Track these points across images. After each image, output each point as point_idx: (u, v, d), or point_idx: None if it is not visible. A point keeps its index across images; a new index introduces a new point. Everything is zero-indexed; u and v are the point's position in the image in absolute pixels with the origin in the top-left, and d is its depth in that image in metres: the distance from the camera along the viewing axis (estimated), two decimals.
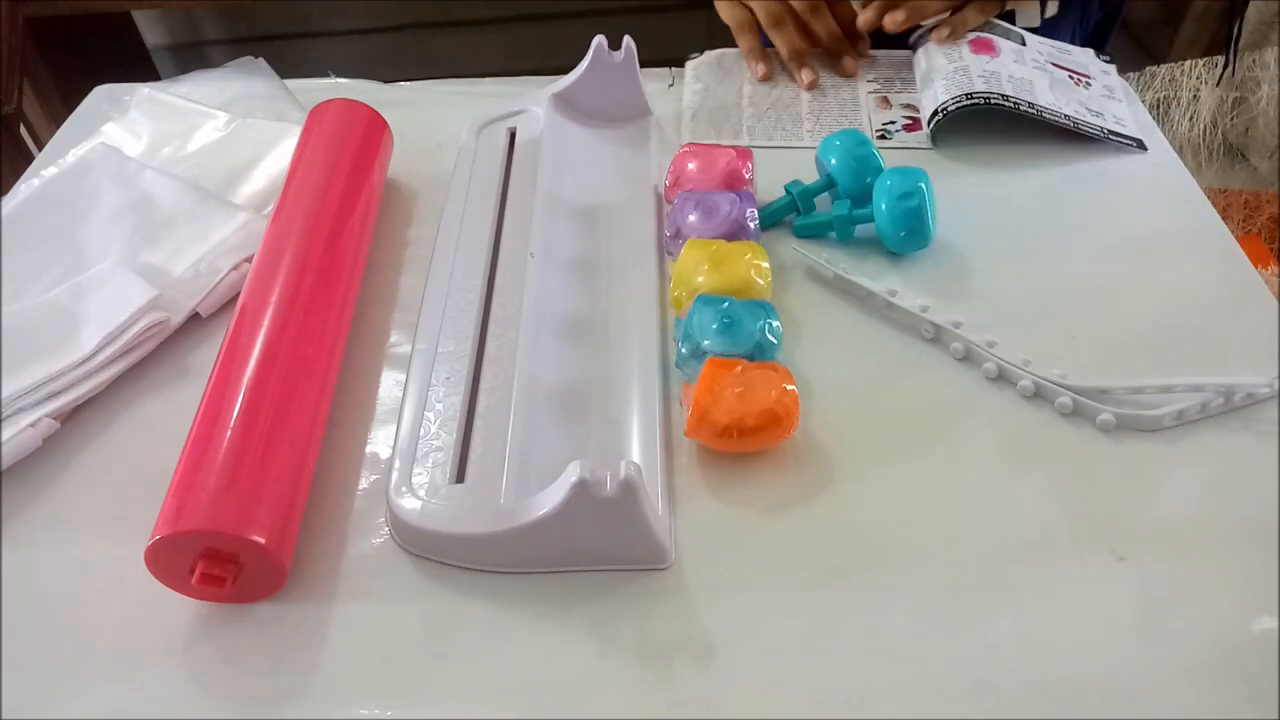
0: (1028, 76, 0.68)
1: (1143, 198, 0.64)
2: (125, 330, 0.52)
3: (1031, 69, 0.69)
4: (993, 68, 0.68)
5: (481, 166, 0.63)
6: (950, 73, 0.68)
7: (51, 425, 0.49)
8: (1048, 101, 0.67)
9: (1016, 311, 0.55)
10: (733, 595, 0.42)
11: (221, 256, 0.57)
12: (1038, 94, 0.67)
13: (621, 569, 0.43)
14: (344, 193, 0.58)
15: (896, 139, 0.67)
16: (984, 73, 0.67)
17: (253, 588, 0.42)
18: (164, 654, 0.41)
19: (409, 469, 0.45)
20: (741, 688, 0.39)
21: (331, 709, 0.39)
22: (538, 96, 0.66)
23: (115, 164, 0.64)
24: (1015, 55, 0.70)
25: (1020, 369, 0.50)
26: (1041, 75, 0.69)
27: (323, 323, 0.51)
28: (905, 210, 0.56)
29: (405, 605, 0.43)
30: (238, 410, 0.44)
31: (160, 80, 0.77)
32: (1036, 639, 0.40)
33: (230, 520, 0.40)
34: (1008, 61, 0.69)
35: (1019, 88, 0.67)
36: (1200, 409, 0.48)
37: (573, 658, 0.40)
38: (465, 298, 0.53)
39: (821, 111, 0.70)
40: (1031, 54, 0.71)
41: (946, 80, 0.68)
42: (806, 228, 0.61)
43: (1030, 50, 0.71)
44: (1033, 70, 0.69)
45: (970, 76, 0.67)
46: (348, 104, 0.64)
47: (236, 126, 0.70)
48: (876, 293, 0.55)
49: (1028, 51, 0.71)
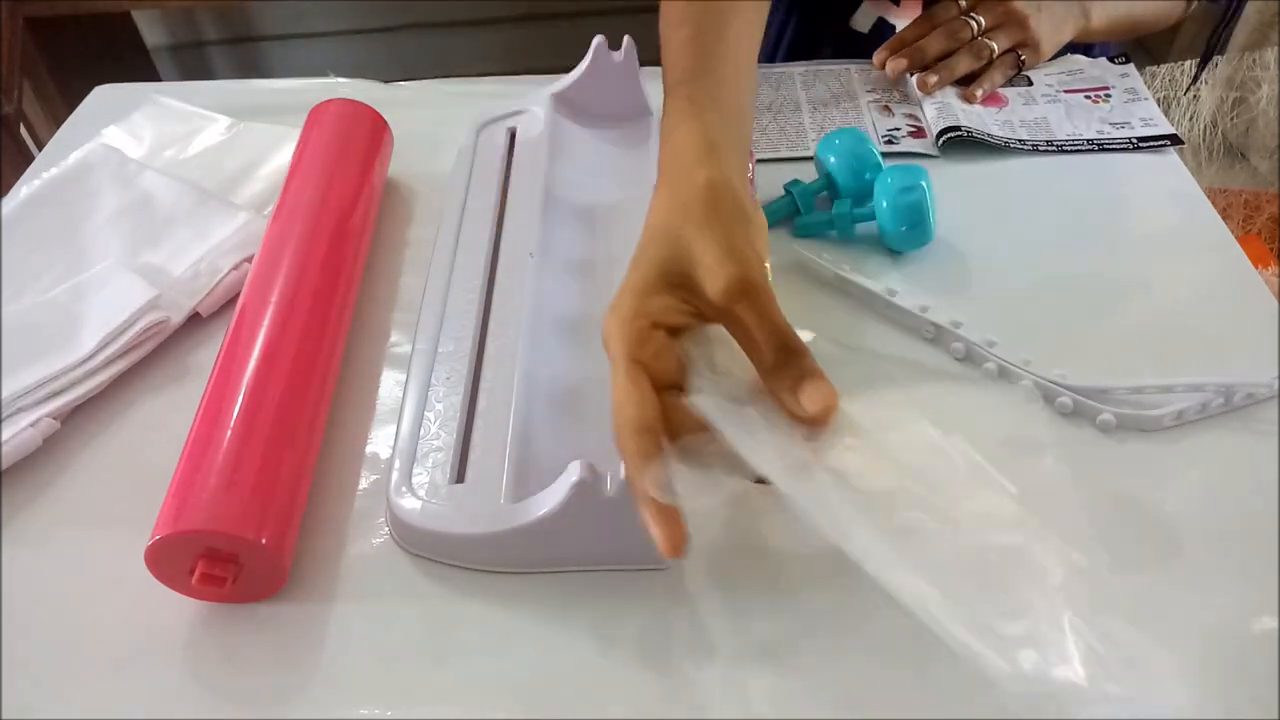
0: (1040, 115, 0.69)
1: (1143, 198, 0.64)
2: (125, 330, 0.52)
3: (1044, 106, 0.70)
4: (1004, 117, 0.69)
5: (481, 166, 0.63)
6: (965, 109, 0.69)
7: (51, 425, 0.49)
8: (1067, 133, 0.67)
9: (1016, 311, 0.55)
10: (732, 595, 0.42)
11: (221, 256, 0.57)
12: (1055, 129, 0.68)
13: (621, 569, 0.43)
14: (344, 193, 0.58)
15: (903, 144, 0.67)
16: (997, 121, 0.68)
17: (253, 588, 0.42)
18: (164, 654, 0.41)
19: (409, 469, 0.45)
20: (741, 687, 0.39)
21: (331, 709, 0.39)
22: (538, 96, 0.66)
23: (115, 164, 0.64)
24: (1024, 99, 0.71)
25: (1020, 369, 0.50)
26: (1055, 107, 0.70)
27: (323, 323, 0.51)
28: (906, 205, 0.56)
29: (405, 605, 0.43)
30: (238, 410, 0.44)
31: (160, 80, 0.77)
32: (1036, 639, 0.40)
33: (230, 520, 0.40)
34: (1017, 107, 0.70)
35: (1034, 130, 0.68)
36: (1200, 409, 0.48)
37: (573, 658, 0.40)
38: (465, 298, 0.53)
39: (825, 122, 0.70)
40: (1040, 90, 0.71)
41: (966, 111, 0.69)
42: (807, 227, 0.61)
43: (1038, 87, 0.72)
44: (1045, 106, 0.70)
45: (985, 121, 0.68)
46: (348, 104, 0.64)
47: (238, 130, 0.70)
48: (876, 293, 0.55)
49: (1035, 89, 0.71)
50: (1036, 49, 0.71)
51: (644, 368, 0.36)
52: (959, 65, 0.70)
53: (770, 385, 0.37)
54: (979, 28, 0.71)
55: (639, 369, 0.36)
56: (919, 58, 0.71)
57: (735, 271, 0.37)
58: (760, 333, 0.37)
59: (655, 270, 0.38)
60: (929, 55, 0.71)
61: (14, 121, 1.34)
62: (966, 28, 0.70)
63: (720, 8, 0.51)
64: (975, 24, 0.71)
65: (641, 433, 0.35)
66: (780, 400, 0.37)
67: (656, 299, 0.38)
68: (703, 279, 0.38)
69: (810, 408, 0.36)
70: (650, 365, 0.36)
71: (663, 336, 0.37)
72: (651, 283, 0.38)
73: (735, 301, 0.37)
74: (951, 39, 0.70)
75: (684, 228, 0.39)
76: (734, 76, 0.48)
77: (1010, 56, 0.71)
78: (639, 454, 0.35)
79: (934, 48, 0.71)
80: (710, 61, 0.48)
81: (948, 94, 0.70)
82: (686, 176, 0.41)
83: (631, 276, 0.39)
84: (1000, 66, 0.71)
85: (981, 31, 0.71)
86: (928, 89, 0.70)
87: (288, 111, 0.69)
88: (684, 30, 0.49)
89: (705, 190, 0.40)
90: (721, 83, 0.47)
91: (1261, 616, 0.41)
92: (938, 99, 0.70)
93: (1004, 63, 0.71)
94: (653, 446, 0.35)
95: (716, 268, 0.37)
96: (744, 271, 0.37)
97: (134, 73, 0.82)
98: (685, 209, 0.40)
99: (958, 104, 0.69)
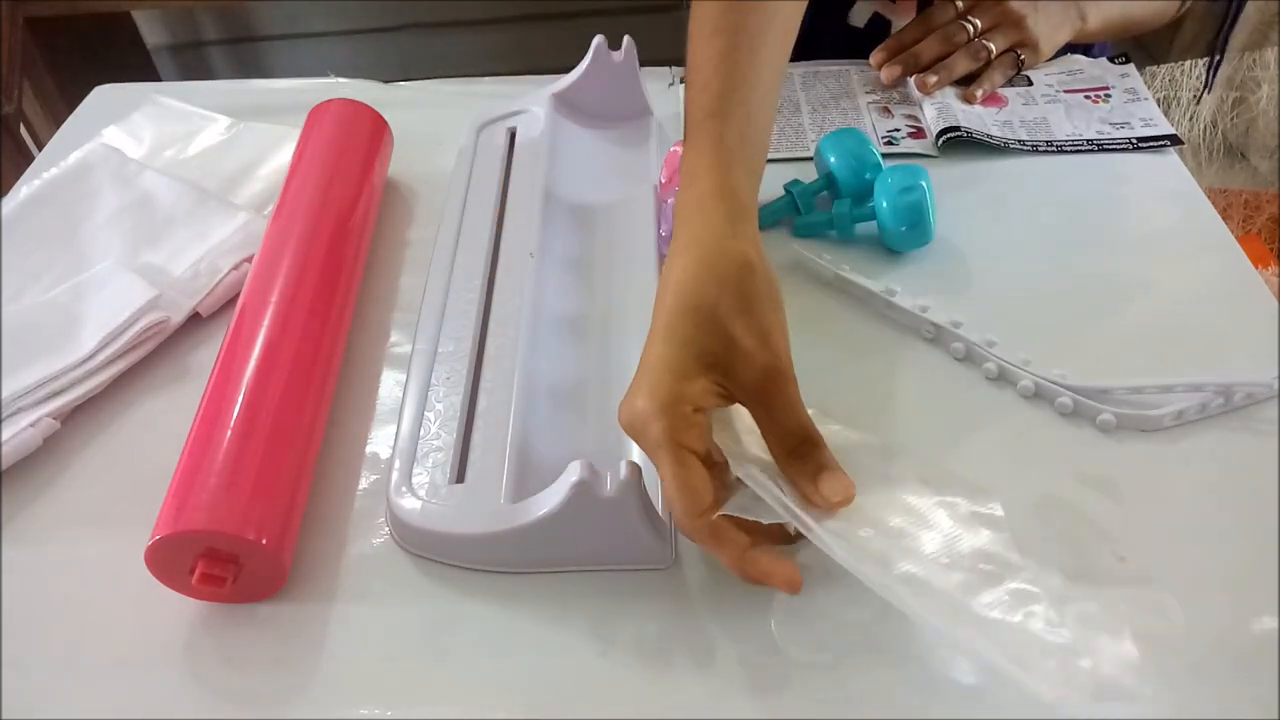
0: (1040, 115, 0.69)
1: (1143, 198, 0.64)
2: (125, 330, 0.52)
3: (1043, 106, 0.70)
4: (1003, 118, 0.69)
5: (481, 166, 0.63)
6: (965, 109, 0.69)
7: (51, 425, 0.49)
8: (1067, 133, 0.67)
9: (1016, 311, 0.55)
10: (733, 595, 0.42)
11: (221, 256, 0.57)
12: (1054, 129, 0.68)
13: (621, 569, 0.43)
14: (344, 193, 0.58)
15: (903, 145, 0.67)
16: (997, 121, 0.68)
17: (253, 588, 0.42)
18: (164, 654, 0.41)
19: (409, 469, 0.45)
20: (741, 687, 0.39)
21: (331, 709, 0.39)
22: (538, 96, 0.66)
23: (115, 164, 0.64)
24: (1023, 99, 0.71)
25: (1020, 369, 0.50)
26: (1055, 107, 0.70)
27: (323, 323, 0.51)
28: (906, 204, 0.56)
29: (405, 605, 0.43)
30: (238, 410, 0.44)
31: (160, 80, 0.77)
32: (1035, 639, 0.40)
33: (230, 520, 0.40)
34: (1017, 107, 0.70)
35: (1034, 130, 0.68)
36: (1200, 409, 0.48)
37: (573, 658, 0.40)
38: (465, 298, 0.53)
39: (825, 123, 0.70)
40: (1040, 90, 0.71)
41: (965, 111, 0.68)
42: (807, 226, 0.61)
43: (1038, 87, 0.72)
44: (1045, 107, 0.70)
45: (985, 122, 0.68)
46: (348, 104, 0.64)
47: (238, 130, 0.70)
48: (876, 293, 0.55)
49: (1035, 89, 0.71)
50: (1035, 49, 0.71)
51: (687, 448, 0.37)
52: (957, 66, 0.70)
53: (788, 472, 0.38)
54: (975, 30, 0.71)
55: (686, 454, 0.37)
56: (914, 63, 0.71)
57: (771, 361, 0.38)
58: (788, 422, 0.38)
59: (692, 352, 0.38)
60: (924, 60, 0.71)
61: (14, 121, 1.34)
62: (963, 31, 0.70)
63: (759, 11, 0.47)
64: (972, 26, 0.71)
65: (707, 514, 0.37)
66: (798, 485, 0.38)
67: (696, 383, 0.37)
68: (739, 366, 0.38)
69: (832, 498, 0.37)
70: (691, 447, 0.37)
71: (703, 419, 0.38)
72: (689, 366, 0.37)
73: (769, 387, 0.38)
74: (947, 43, 0.71)
75: (720, 308, 0.38)
76: (763, 109, 0.46)
77: (1009, 57, 0.71)
78: (714, 535, 0.37)
79: (929, 53, 0.71)
80: (743, 90, 0.45)
81: (947, 94, 0.70)
82: (719, 248, 0.40)
83: (664, 354, 0.38)
84: (999, 67, 0.71)
85: (979, 33, 0.71)
86: (927, 89, 0.70)
87: (288, 111, 0.69)
88: (718, 42, 0.46)
89: (744, 269, 0.39)
90: (750, 123, 0.45)
91: (1261, 616, 0.41)
92: (937, 99, 0.69)
93: (1003, 63, 0.71)
94: (720, 523, 0.37)
95: (754, 356, 0.37)
96: (777, 362, 0.38)
97: (134, 73, 0.82)
98: (721, 286, 0.38)
99: (957, 104, 0.69)
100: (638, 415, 0.37)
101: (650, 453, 0.37)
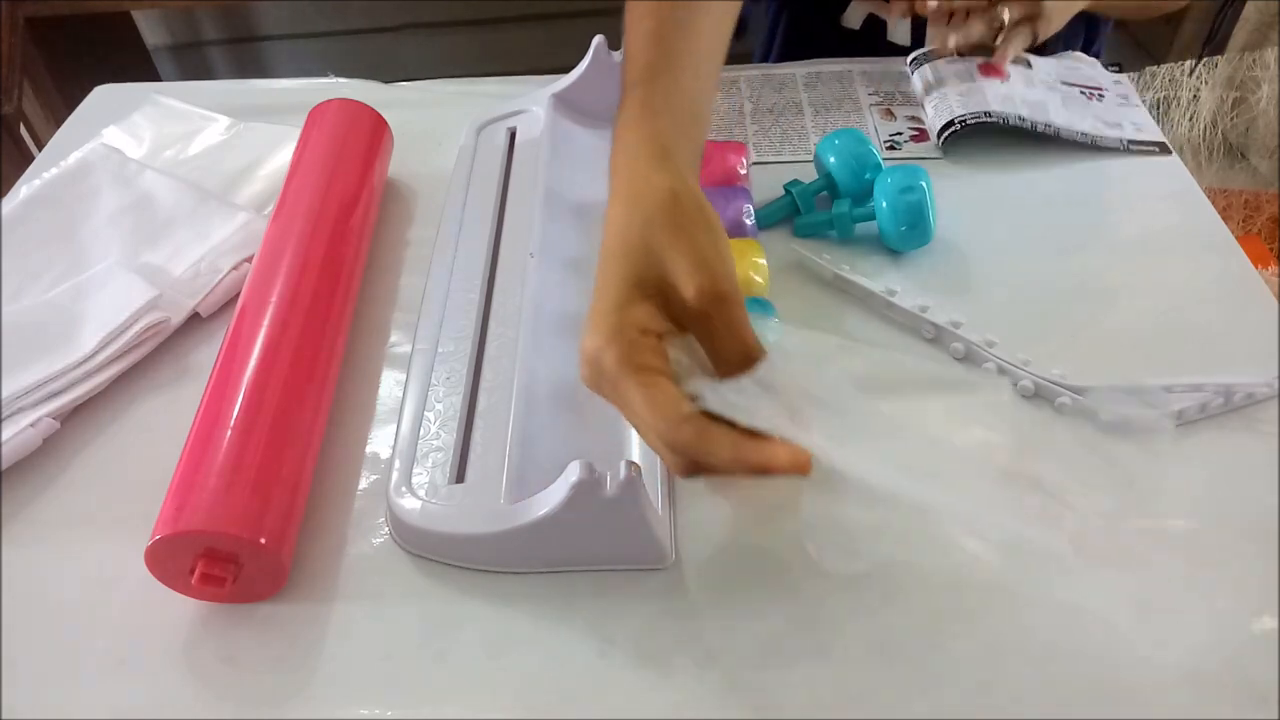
0: (1040, 98, 0.69)
1: (1143, 198, 0.64)
2: (125, 330, 0.52)
3: (1043, 90, 0.70)
4: (1005, 91, 0.69)
5: (481, 166, 0.63)
6: (964, 91, 0.68)
7: (51, 425, 0.49)
8: (1063, 121, 0.67)
9: (1016, 311, 0.55)
10: (733, 595, 0.42)
11: (221, 256, 0.57)
12: (1052, 114, 0.68)
13: (621, 569, 0.43)
14: (344, 193, 0.58)
15: (905, 149, 0.67)
16: (998, 95, 0.68)
17: (253, 588, 0.42)
18: (164, 654, 0.41)
19: (409, 469, 0.45)
20: (741, 687, 0.39)
21: (331, 709, 0.39)
22: (538, 96, 0.66)
23: (115, 164, 0.64)
24: (1025, 79, 0.70)
25: (1020, 369, 0.50)
26: (1053, 94, 0.70)
27: (323, 323, 0.51)
28: (906, 205, 0.56)
29: (405, 605, 0.43)
30: (238, 410, 0.44)
31: (160, 80, 0.78)
32: (1036, 639, 0.40)
33: (230, 520, 0.40)
34: (1018, 85, 0.70)
35: (1034, 110, 0.67)
36: (1200, 409, 0.48)
37: (573, 658, 0.41)
38: (465, 298, 0.53)
39: (827, 125, 0.70)
40: (1040, 75, 0.71)
41: (963, 97, 0.68)
42: (807, 227, 0.61)
43: (1039, 71, 0.72)
44: (1044, 91, 0.70)
45: (985, 96, 0.68)
46: (348, 104, 0.64)
47: (238, 130, 0.70)
48: (876, 293, 0.55)
49: (1036, 73, 0.71)
50: (1047, 20, 0.71)
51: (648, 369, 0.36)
52: (974, 30, 0.70)
53: None
54: None
55: (647, 372, 0.36)
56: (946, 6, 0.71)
57: (707, 284, 0.37)
58: (730, 342, 0.37)
59: (627, 285, 0.38)
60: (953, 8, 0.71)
61: (14, 121, 1.34)
62: None
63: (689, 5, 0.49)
64: None
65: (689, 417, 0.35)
66: None
67: (638, 308, 0.37)
68: (677, 291, 0.37)
69: None
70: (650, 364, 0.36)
71: (654, 341, 0.37)
72: (627, 295, 0.37)
73: (709, 309, 0.37)
74: None
75: (651, 239, 0.38)
76: (692, 80, 0.47)
77: (1025, 27, 0.71)
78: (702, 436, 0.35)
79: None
80: (670, 61, 0.46)
81: (945, 90, 0.70)
82: (645, 185, 0.40)
83: (602, 299, 0.38)
84: (1016, 36, 0.71)
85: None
86: (947, 49, 0.70)
87: (288, 111, 0.69)
88: (647, 23, 0.48)
89: (669, 199, 0.39)
90: (677, 85, 0.46)
91: (1261, 616, 0.41)
92: (934, 97, 0.69)
93: (1019, 32, 0.71)
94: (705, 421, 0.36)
95: (689, 279, 0.37)
96: (716, 284, 0.37)
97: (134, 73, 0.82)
98: (648, 220, 0.39)
99: (953, 96, 0.69)
100: (589, 354, 0.37)
101: (612, 388, 0.37)
